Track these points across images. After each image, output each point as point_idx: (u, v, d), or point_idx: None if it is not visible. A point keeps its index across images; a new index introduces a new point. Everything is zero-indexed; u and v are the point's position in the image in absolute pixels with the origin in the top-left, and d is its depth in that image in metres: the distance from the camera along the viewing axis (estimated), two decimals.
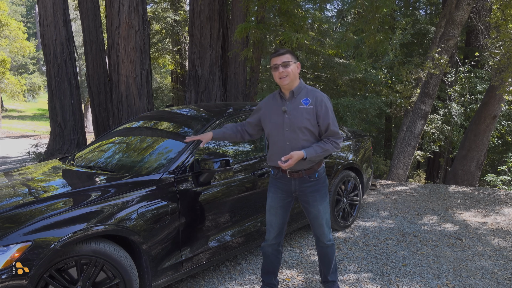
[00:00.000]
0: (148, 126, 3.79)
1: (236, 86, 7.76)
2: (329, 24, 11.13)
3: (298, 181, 2.63)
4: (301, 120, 2.53)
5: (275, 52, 2.57)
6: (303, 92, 2.60)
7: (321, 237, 2.75)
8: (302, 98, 2.57)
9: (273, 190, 2.73)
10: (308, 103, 2.55)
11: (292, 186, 2.65)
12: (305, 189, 2.64)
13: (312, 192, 2.64)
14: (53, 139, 8.55)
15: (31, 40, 31.13)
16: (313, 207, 2.66)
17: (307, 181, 2.63)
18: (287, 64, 2.51)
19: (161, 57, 15.54)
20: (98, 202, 2.43)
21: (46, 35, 8.29)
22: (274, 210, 2.72)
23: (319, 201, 2.66)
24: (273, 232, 2.75)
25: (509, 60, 6.66)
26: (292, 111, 2.55)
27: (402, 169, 8.22)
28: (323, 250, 2.80)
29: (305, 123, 2.53)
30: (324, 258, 2.83)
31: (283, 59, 2.52)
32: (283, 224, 2.76)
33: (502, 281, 3.25)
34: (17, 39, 18.84)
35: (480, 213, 5.14)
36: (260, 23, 7.10)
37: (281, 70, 2.51)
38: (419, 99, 8.21)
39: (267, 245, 2.81)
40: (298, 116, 2.54)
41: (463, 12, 7.32)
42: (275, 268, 2.85)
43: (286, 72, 2.51)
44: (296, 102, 2.57)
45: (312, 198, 2.65)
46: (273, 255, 2.82)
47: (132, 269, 2.45)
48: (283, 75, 2.51)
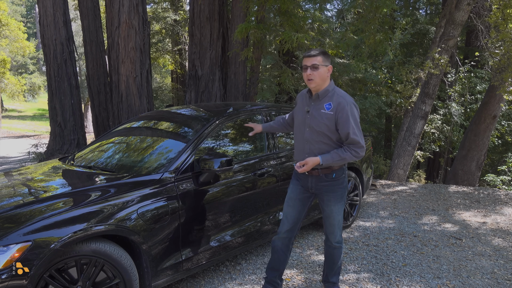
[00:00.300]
0: (148, 126, 3.79)
1: (236, 86, 7.76)
2: (329, 24, 11.13)
3: (314, 179, 2.65)
4: (319, 124, 2.55)
5: (307, 53, 2.57)
6: (329, 95, 2.56)
7: (330, 236, 2.76)
8: (326, 102, 2.56)
9: (294, 182, 2.77)
10: (329, 108, 2.53)
11: (309, 183, 2.67)
12: (321, 188, 2.65)
13: (327, 192, 2.65)
14: (53, 139, 8.55)
15: (31, 40, 31.14)
16: (327, 206, 2.68)
17: (324, 180, 2.63)
18: (316, 67, 2.51)
19: (161, 57, 15.54)
20: (98, 202, 2.43)
21: (46, 35, 8.29)
22: (292, 202, 2.74)
23: (334, 202, 2.66)
24: (287, 224, 2.76)
25: (509, 60, 6.66)
26: (314, 113, 2.58)
27: (402, 169, 8.22)
28: (330, 250, 2.81)
29: (323, 128, 2.54)
30: (329, 258, 2.84)
31: (313, 61, 2.51)
32: (298, 219, 2.76)
33: (502, 281, 3.25)
34: (17, 39, 18.83)
35: (480, 213, 5.14)
36: (260, 23, 7.10)
37: (309, 72, 2.51)
38: (419, 99, 8.21)
39: (278, 238, 2.81)
40: (318, 119, 2.56)
41: (463, 12, 7.32)
42: (281, 266, 2.84)
43: (313, 75, 2.51)
44: (319, 105, 2.57)
45: (327, 197, 2.66)
46: (282, 251, 2.80)
47: (132, 269, 2.45)
48: (310, 77, 2.52)
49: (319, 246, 3.92)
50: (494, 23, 6.98)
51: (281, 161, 3.61)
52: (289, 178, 3.62)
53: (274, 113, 3.86)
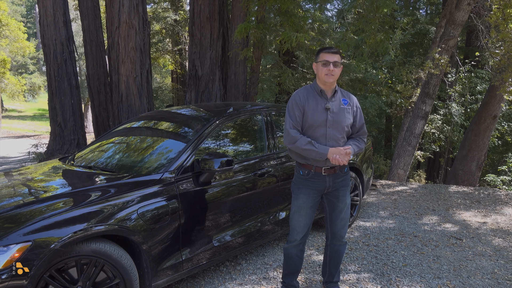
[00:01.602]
0: (148, 126, 3.79)
1: (236, 86, 7.76)
2: (329, 24, 11.12)
3: (332, 177, 2.66)
4: (343, 118, 2.62)
5: (329, 49, 2.60)
6: (339, 92, 2.69)
7: (340, 232, 2.76)
8: (341, 98, 2.67)
9: (304, 191, 2.68)
10: (347, 103, 2.66)
11: (327, 183, 2.66)
12: (337, 184, 2.69)
13: (343, 186, 2.71)
14: (53, 139, 8.55)
15: (31, 40, 31.14)
16: (342, 201, 2.71)
17: (340, 176, 2.69)
18: (337, 65, 2.55)
19: (161, 57, 15.54)
20: (98, 202, 2.43)
21: (46, 35, 8.29)
22: (304, 211, 2.69)
23: (347, 195, 2.75)
24: (300, 232, 2.72)
25: (509, 60, 6.66)
26: (335, 109, 2.60)
27: (403, 169, 8.22)
28: (337, 247, 2.80)
29: (348, 122, 2.64)
30: (336, 256, 2.82)
31: (335, 58, 2.55)
32: (310, 224, 2.76)
33: (503, 281, 3.25)
34: (17, 39, 18.83)
35: (481, 213, 5.14)
36: (260, 23, 7.10)
37: (332, 68, 2.53)
38: (419, 99, 8.21)
39: (291, 246, 2.77)
40: (341, 114, 2.61)
41: (463, 12, 7.32)
42: (298, 269, 2.85)
43: (334, 71, 2.54)
44: (338, 101, 2.63)
45: (343, 192, 2.71)
46: (297, 256, 2.80)
47: (132, 269, 2.44)
48: (331, 73, 2.54)
49: (319, 246, 3.92)
50: (494, 23, 6.98)
51: (281, 161, 3.61)
52: (289, 178, 3.60)
53: (274, 113, 3.85)
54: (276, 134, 3.73)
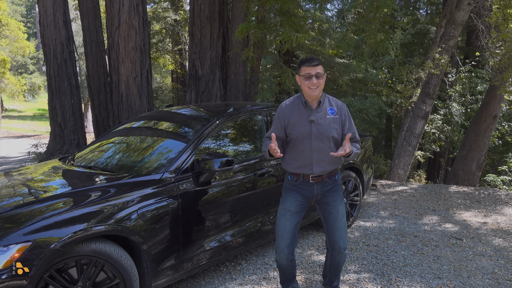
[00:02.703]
0: (148, 126, 3.78)
1: (236, 86, 7.76)
2: (330, 24, 11.12)
3: (320, 185, 2.63)
4: (329, 129, 2.56)
5: (309, 61, 2.52)
6: (327, 101, 2.63)
7: (338, 243, 2.65)
8: (327, 107, 2.60)
9: (292, 195, 2.66)
10: (334, 112, 2.59)
11: (315, 190, 2.63)
12: (326, 192, 2.65)
13: (332, 192, 2.67)
14: (53, 139, 8.54)
15: (31, 40, 31.13)
16: (333, 207, 2.66)
17: (328, 184, 2.66)
18: (320, 76, 2.51)
19: (161, 57, 15.54)
20: (98, 202, 2.43)
21: (46, 35, 8.29)
22: (290, 215, 2.63)
23: (339, 201, 2.68)
24: (286, 239, 2.62)
25: (509, 60, 6.65)
26: (320, 120, 2.56)
27: (403, 169, 8.21)
28: (338, 257, 2.71)
29: (333, 132, 2.57)
30: (336, 264, 2.76)
31: (317, 70, 2.50)
32: (295, 230, 2.67)
33: (503, 281, 3.24)
34: (17, 39, 18.82)
35: (481, 213, 5.13)
36: (260, 23, 7.10)
37: (315, 81, 2.49)
38: (419, 99, 8.20)
39: (280, 257, 2.65)
40: (327, 125, 2.56)
41: (464, 12, 7.31)
42: (293, 275, 2.82)
43: (318, 83, 2.50)
44: (323, 112, 2.58)
45: (332, 198, 2.66)
46: (288, 264, 2.71)
47: (132, 269, 2.44)
48: (314, 85, 2.50)
49: (319, 246, 3.91)
50: (495, 23, 6.98)
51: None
52: None
53: (274, 113, 3.85)
54: None
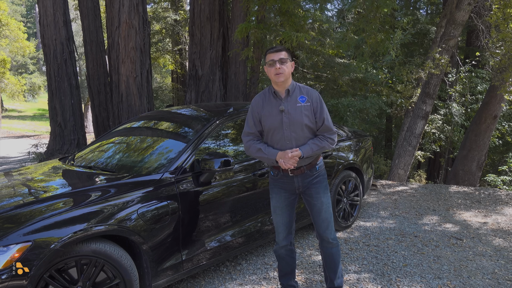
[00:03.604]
0: (148, 126, 3.78)
1: (236, 86, 7.76)
2: (330, 24, 11.12)
3: (300, 177, 2.61)
4: (300, 117, 2.53)
5: (272, 48, 2.55)
6: (297, 90, 2.60)
7: (325, 234, 2.68)
8: (298, 96, 2.57)
9: (276, 191, 2.70)
10: (304, 100, 2.56)
11: (295, 183, 2.63)
12: (307, 183, 2.63)
13: (314, 184, 2.63)
14: (53, 139, 8.54)
15: (31, 40, 31.14)
16: (316, 199, 2.64)
17: (309, 176, 2.62)
18: (284, 61, 2.50)
19: (161, 57, 15.54)
20: (98, 202, 2.43)
21: (46, 35, 8.29)
22: (280, 210, 2.69)
23: (322, 193, 2.65)
24: (282, 233, 2.71)
25: (509, 60, 6.65)
26: (290, 109, 2.54)
27: (403, 169, 8.21)
28: (328, 250, 2.72)
29: (305, 120, 2.54)
30: (330, 260, 2.74)
31: (280, 56, 2.50)
32: (291, 222, 2.72)
33: (503, 282, 3.24)
34: (17, 39, 18.83)
35: (481, 213, 5.13)
36: (260, 23, 7.10)
37: (278, 66, 2.48)
38: (419, 99, 8.20)
39: (279, 247, 2.76)
40: (297, 114, 2.53)
41: (464, 12, 7.31)
42: (292, 268, 2.83)
43: (282, 69, 2.49)
44: (293, 101, 2.56)
45: (315, 190, 2.63)
46: (288, 255, 2.78)
47: (132, 269, 2.44)
48: (279, 71, 2.49)
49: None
50: (495, 22, 6.97)
51: None
52: None
53: None
54: None
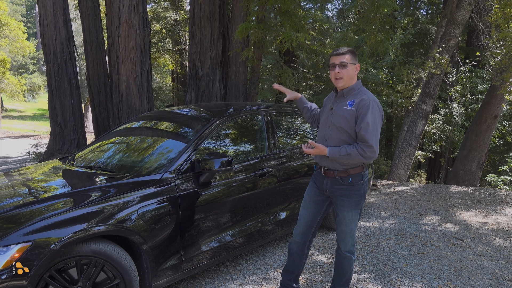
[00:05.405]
0: (149, 126, 3.78)
1: (236, 86, 7.75)
2: (330, 24, 11.11)
3: (330, 180, 2.58)
4: (339, 120, 2.50)
5: (335, 51, 2.52)
6: (354, 93, 2.52)
7: (340, 244, 2.66)
8: (350, 99, 2.51)
9: (311, 184, 2.75)
10: (351, 104, 2.48)
11: (324, 184, 2.61)
12: (335, 191, 2.56)
13: (341, 196, 2.55)
14: (53, 139, 8.54)
15: (31, 40, 31.12)
16: (340, 211, 2.58)
17: (339, 183, 2.54)
18: (344, 65, 2.47)
19: (162, 57, 15.54)
20: (98, 202, 2.42)
21: (46, 35, 8.28)
22: (306, 203, 2.72)
23: (347, 208, 2.54)
24: (300, 227, 2.73)
25: (510, 60, 6.65)
26: (337, 110, 2.54)
27: (403, 169, 8.21)
28: (340, 259, 2.70)
29: (343, 123, 2.48)
30: (338, 267, 2.74)
31: (341, 59, 2.47)
32: (312, 222, 2.70)
33: (503, 282, 3.24)
34: (17, 39, 18.82)
35: (481, 213, 5.13)
36: (260, 23, 7.09)
37: (337, 70, 2.47)
38: (420, 99, 8.20)
39: (293, 241, 2.79)
40: (340, 116, 2.51)
41: (464, 12, 7.31)
42: (296, 269, 2.80)
43: (341, 73, 2.47)
44: (343, 103, 2.53)
45: (341, 202, 2.56)
46: (297, 254, 2.76)
47: (132, 269, 2.44)
48: (338, 75, 2.48)
49: (320, 246, 3.91)
50: (495, 22, 6.98)
51: (281, 161, 3.60)
52: (290, 178, 3.63)
53: (274, 113, 3.85)
54: (277, 134, 3.73)
